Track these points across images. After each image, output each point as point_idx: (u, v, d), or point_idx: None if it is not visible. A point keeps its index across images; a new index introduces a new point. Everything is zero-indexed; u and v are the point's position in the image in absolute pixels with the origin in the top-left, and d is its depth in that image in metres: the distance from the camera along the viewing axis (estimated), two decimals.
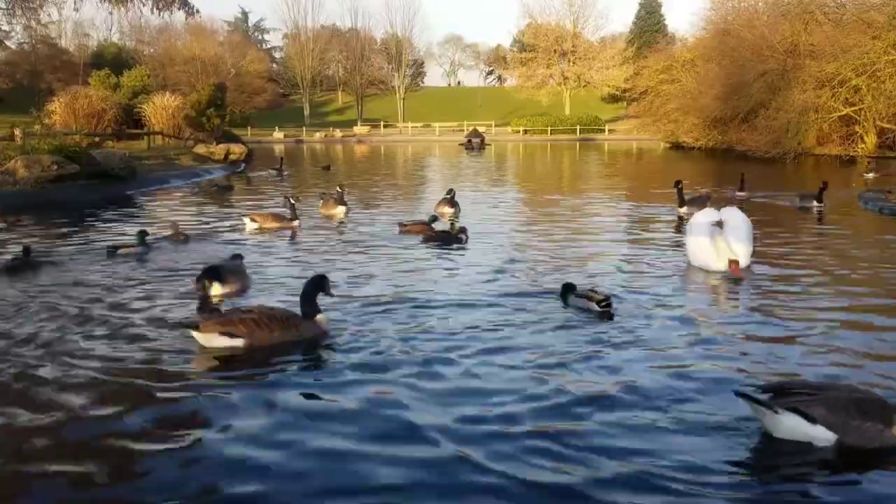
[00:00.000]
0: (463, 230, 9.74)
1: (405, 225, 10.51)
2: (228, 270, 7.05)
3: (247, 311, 5.35)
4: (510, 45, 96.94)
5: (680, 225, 11.05)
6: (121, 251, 8.97)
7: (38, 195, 15.12)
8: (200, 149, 28.55)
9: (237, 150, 29.11)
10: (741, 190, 15.15)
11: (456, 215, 11.85)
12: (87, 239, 10.46)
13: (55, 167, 16.16)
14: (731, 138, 36.45)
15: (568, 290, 6.33)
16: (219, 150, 28.24)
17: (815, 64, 30.46)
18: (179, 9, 33.67)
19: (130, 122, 35.12)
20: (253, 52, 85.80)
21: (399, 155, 41.04)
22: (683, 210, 11.87)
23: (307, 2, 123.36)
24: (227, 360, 4.96)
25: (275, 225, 10.95)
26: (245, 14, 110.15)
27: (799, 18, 34.73)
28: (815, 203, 12.86)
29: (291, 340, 5.20)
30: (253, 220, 11.02)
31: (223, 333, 5.06)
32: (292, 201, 11.44)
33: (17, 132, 21.91)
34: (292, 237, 10.40)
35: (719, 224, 7.76)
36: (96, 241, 10.16)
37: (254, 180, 22.36)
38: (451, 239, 9.58)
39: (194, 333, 5.13)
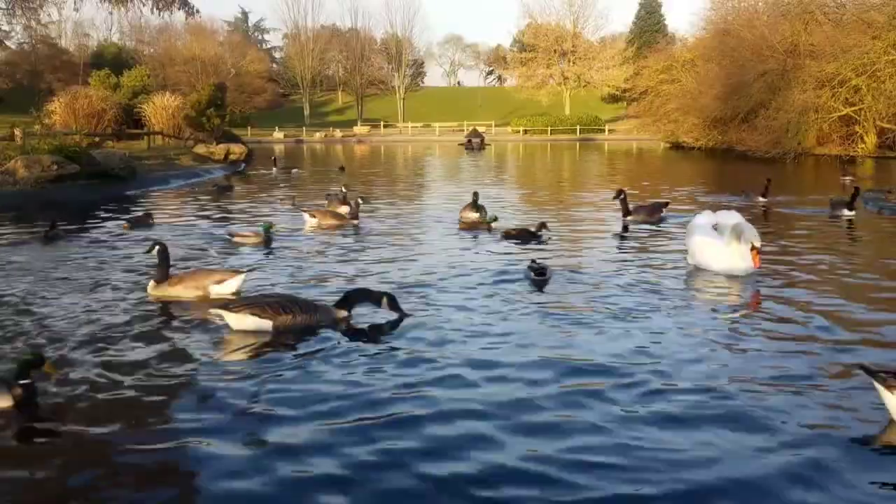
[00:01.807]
0: (543, 225, 9.85)
1: (465, 222, 10.86)
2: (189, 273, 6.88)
3: (271, 296, 5.82)
4: (510, 45, 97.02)
5: (625, 232, 10.64)
6: (237, 239, 9.36)
7: (39, 195, 15.12)
8: (200, 149, 28.55)
9: (237, 150, 29.12)
10: (764, 196, 14.08)
11: (482, 219, 11.70)
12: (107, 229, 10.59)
13: (55, 167, 16.17)
14: (731, 138, 36.45)
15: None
16: (219, 150, 28.24)
17: (815, 64, 30.48)
18: (179, 9, 33.69)
19: (130, 122, 35.12)
20: (253, 52, 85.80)
21: (399, 155, 41.06)
22: (629, 218, 11.40)
23: (307, 2, 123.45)
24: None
25: (334, 222, 11.10)
26: (245, 14, 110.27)
27: (799, 18, 34.74)
28: (845, 211, 12.09)
29: (310, 325, 5.54)
30: (313, 216, 11.22)
31: (252, 314, 5.40)
32: (360, 200, 11.67)
33: (17, 132, 21.90)
34: (355, 231, 10.70)
35: (715, 227, 7.73)
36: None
37: (272, 179, 22.39)
38: (530, 236, 9.74)
39: (224, 314, 5.45)
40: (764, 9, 39.96)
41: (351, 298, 5.83)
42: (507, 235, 9.85)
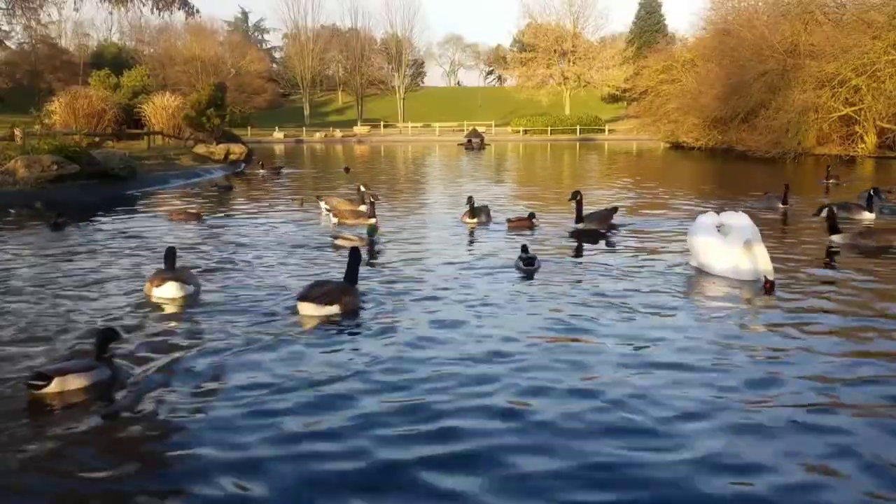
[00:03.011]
0: (612, 225, 10.18)
1: (512, 221, 11.15)
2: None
3: (325, 283, 6.26)
4: (510, 45, 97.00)
5: (580, 239, 10.19)
6: (340, 242, 9.48)
7: (39, 195, 15.08)
8: (200, 149, 28.52)
9: (237, 150, 29.07)
10: (785, 202, 13.37)
11: (482, 223, 11.43)
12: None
13: (55, 167, 16.16)
14: (731, 138, 36.43)
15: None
16: (219, 150, 28.20)
17: (815, 64, 30.45)
18: (179, 9, 33.57)
19: (130, 122, 35.09)
20: (253, 52, 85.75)
21: (399, 155, 41.04)
22: (581, 225, 10.83)
23: (307, 2, 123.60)
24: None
25: (353, 221, 11.44)
26: (245, 14, 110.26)
27: (799, 18, 34.71)
28: (865, 214, 11.71)
29: (357, 305, 6.18)
30: (335, 215, 11.72)
31: (324, 304, 5.88)
32: (372, 200, 11.87)
33: (17, 132, 21.90)
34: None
35: (719, 227, 7.67)
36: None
37: (261, 179, 22.48)
38: (608, 227, 10.18)
39: (303, 305, 5.92)
40: (764, 9, 39.91)
41: (356, 269, 6.41)
42: (570, 233, 10.16)
